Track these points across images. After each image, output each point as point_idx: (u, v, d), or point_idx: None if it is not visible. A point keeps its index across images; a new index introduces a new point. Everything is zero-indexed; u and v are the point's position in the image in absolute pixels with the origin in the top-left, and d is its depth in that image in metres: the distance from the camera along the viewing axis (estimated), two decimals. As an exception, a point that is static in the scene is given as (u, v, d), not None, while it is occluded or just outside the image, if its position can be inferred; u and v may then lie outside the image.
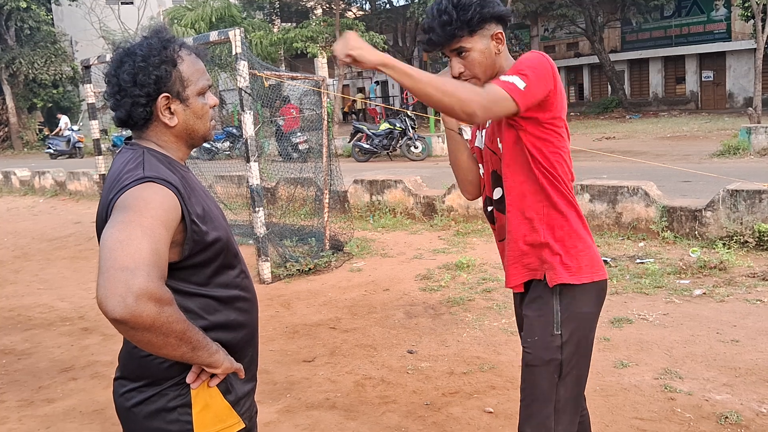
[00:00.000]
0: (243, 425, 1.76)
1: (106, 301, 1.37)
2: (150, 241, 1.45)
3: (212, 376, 1.66)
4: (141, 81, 1.64)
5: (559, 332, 2.09)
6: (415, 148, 16.55)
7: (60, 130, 28.33)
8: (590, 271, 2.12)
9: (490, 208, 2.30)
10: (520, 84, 1.93)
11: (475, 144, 2.34)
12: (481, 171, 2.33)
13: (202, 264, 1.66)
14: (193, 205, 1.63)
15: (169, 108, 1.69)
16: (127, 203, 1.51)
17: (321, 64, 36.03)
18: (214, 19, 26.10)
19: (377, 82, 36.16)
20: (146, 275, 1.40)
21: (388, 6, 32.64)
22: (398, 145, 16.74)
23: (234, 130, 16.95)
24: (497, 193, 2.22)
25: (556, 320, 2.09)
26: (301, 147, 13.06)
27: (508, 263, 2.21)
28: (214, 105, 1.78)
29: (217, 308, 1.70)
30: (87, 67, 8.29)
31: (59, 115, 30.03)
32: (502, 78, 1.96)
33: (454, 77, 2.10)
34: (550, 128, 2.07)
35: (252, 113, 6.40)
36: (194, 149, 1.86)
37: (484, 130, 2.26)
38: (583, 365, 2.16)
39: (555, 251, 2.10)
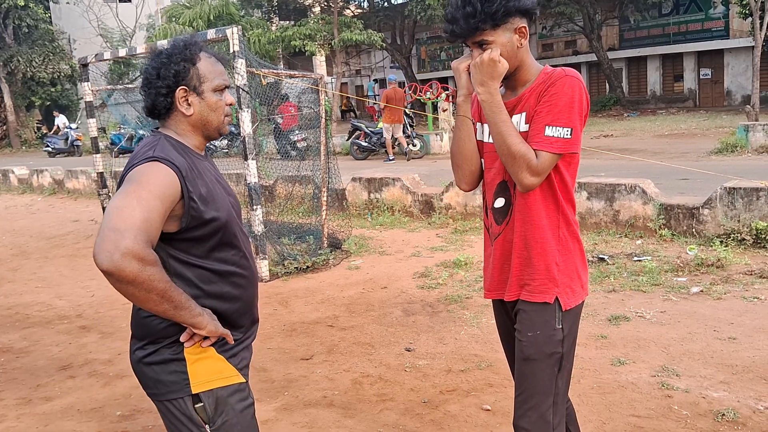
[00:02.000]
0: (242, 380, 1.99)
1: (97, 256, 1.64)
2: (143, 210, 1.70)
3: (205, 339, 1.90)
4: (163, 74, 1.92)
5: (561, 326, 2.12)
6: (414, 146, 16.53)
7: (57, 128, 28.30)
8: (585, 286, 2.24)
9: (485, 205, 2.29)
10: (568, 135, 2.00)
11: (477, 137, 2.26)
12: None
13: (200, 238, 1.89)
14: (198, 187, 1.86)
15: (187, 100, 1.95)
16: (133, 177, 1.79)
17: (319, 62, 36.03)
18: (212, 17, 26.11)
19: (375, 80, 36.12)
20: (133, 237, 1.65)
21: (386, 4, 32.60)
22: (397, 144, 16.72)
23: (232, 128, 16.94)
24: (499, 203, 2.19)
25: (558, 315, 2.11)
26: (299, 145, 13.07)
27: (512, 279, 2.17)
28: (230, 103, 2.03)
29: (213, 279, 1.93)
30: (85, 65, 8.27)
31: (56, 114, 29.96)
32: (552, 133, 1.99)
33: None
34: (570, 156, 2.10)
35: (250, 111, 6.40)
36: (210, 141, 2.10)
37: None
38: (572, 357, 2.22)
39: (564, 274, 2.13)
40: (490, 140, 2.18)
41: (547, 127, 2.00)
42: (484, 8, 1.97)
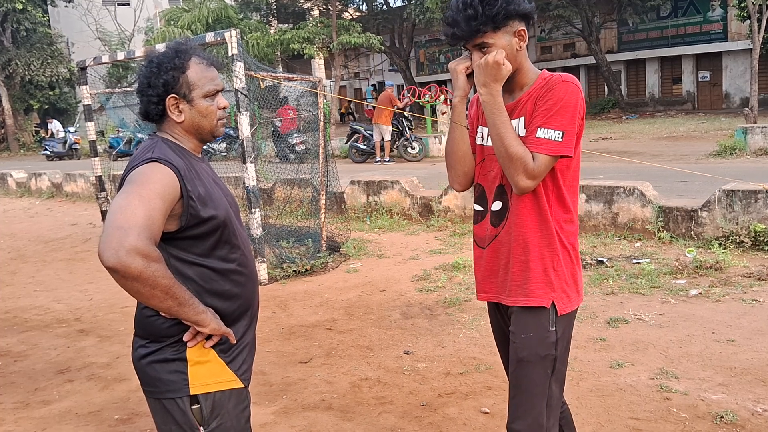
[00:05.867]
0: (241, 385, 2.01)
1: (103, 253, 1.68)
2: (145, 208, 1.74)
3: (208, 339, 1.93)
4: (153, 84, 1.97)
5: (554, 329, 2.12)
6: (412, 149, 16.56)
7: (51, 133, 28.29)
8: (580, 292, 2.26)
9: (479, 208, 2.28)
10: (559, 137, 2.00)
11: (476, 141, 2.29)
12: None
13: (200, 236, 1.93)
14: (196, 187, 1.91)
15: (178, 107, 1.99)
16: (134, 178, 1.83)
17: (318, 65, 36.08)
18: (210, 21, 26.10)
19: (374, 84, 36.15)
20: (137, 235, 1.69)
21: (384, 7, 32.64)
22: (395, 146, 16.74)
23: (231, 132, 16.96)
24: (496, 206, 2.19)
25: (552, 317, 2.12)
26: (298, 148, 13.05)
27: (510, 284, 2.18)
28: (224, 107, 2.05)
29: (213, 278, 1.96)
30: (83, 69, 8.28)
31: (49, 120, 29.93)
32: (544, 135, 2.01)
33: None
34: (567, 160, 2.11)
35: (248, 114, 6.39)
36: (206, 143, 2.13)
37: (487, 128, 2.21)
38: (566, 360, 2.23)
39: (561, 279, 2.14)
40: (489, 143, 2.19)
41: (539, 129, 2.03)
42: (485, 11, 1.99)
